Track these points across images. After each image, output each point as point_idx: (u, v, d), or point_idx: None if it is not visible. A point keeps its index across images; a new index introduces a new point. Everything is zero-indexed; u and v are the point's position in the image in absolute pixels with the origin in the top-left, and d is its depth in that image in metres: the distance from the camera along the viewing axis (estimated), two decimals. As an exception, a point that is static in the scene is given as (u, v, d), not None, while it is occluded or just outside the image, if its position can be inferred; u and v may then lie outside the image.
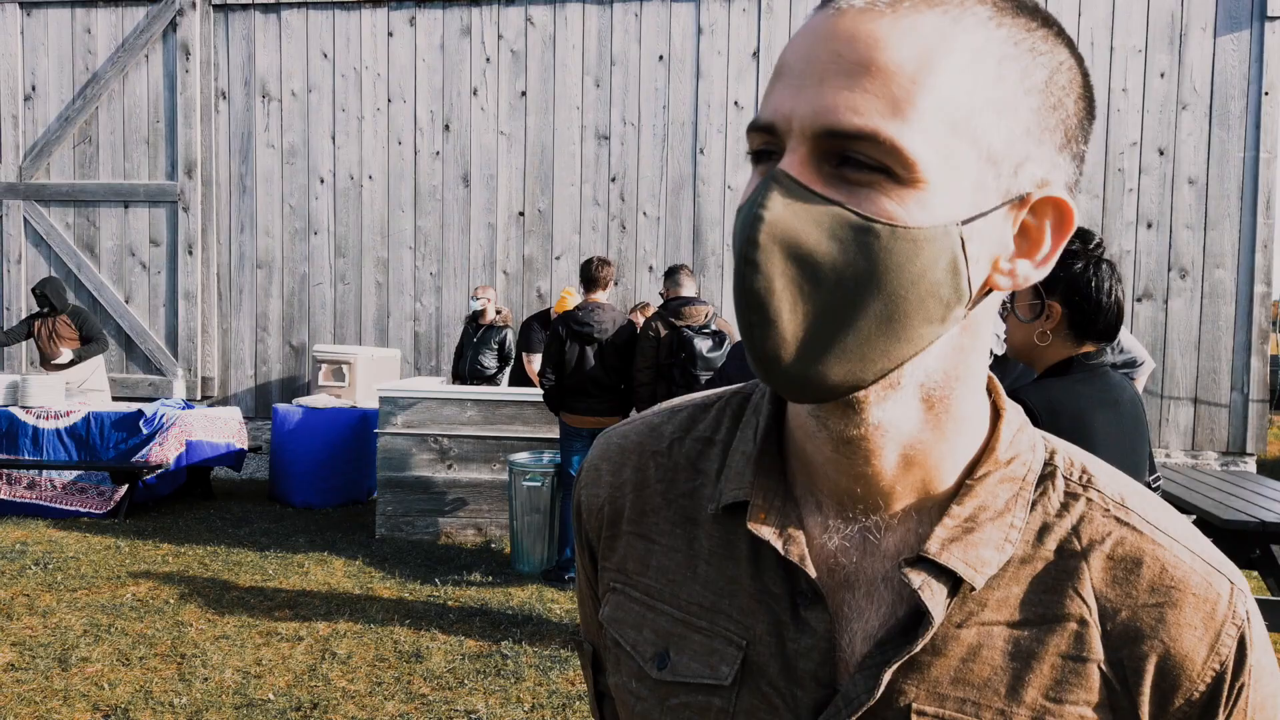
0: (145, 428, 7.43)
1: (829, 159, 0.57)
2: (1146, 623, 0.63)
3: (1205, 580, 0.64)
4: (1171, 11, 7.86)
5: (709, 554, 0.71)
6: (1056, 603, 0.64)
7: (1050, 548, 0.65)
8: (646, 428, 0.80)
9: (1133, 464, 2.18)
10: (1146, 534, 0.65)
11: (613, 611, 0.75)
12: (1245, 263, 7.82)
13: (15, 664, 4.34)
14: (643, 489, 0.76)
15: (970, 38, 0.58)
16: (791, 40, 0.61)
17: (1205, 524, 4.95)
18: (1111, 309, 2.16)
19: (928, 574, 0.62)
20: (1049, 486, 0.67)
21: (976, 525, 0.64)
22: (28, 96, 9.40)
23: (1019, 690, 0.63)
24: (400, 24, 8.89)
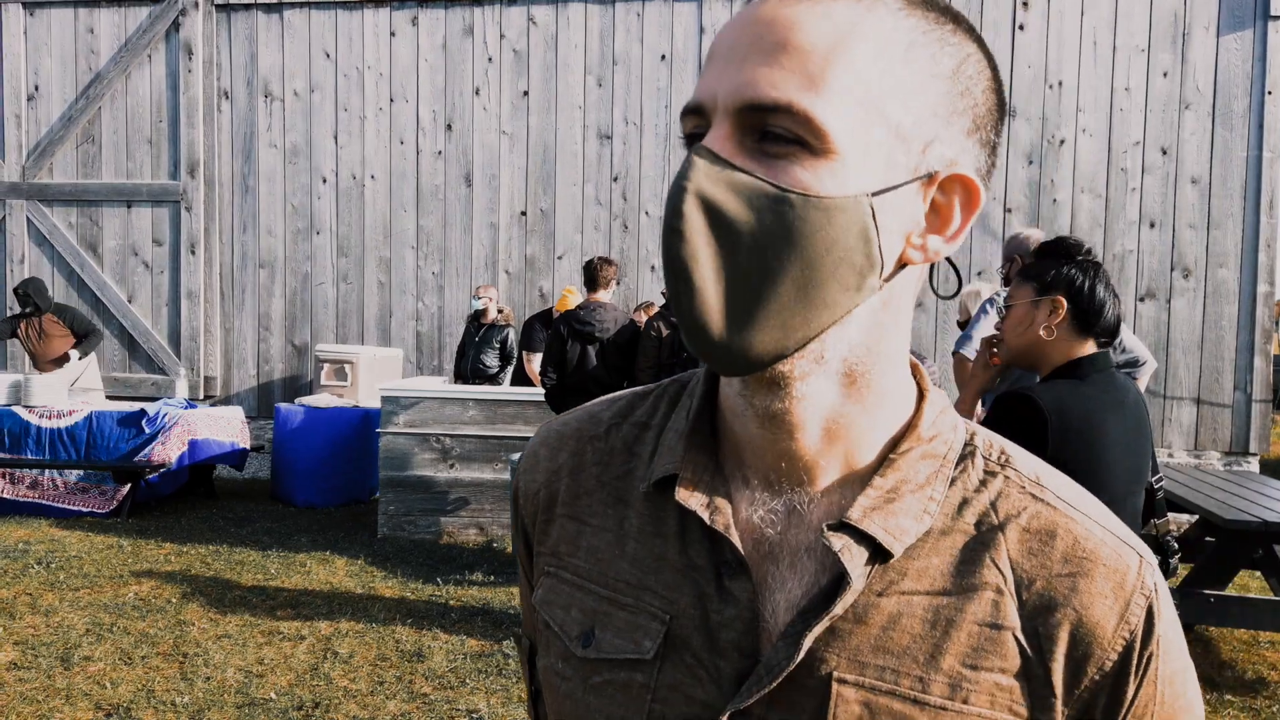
0: (148, 427, 7.44)
1: (750, 134, 0.60)
2: (1060, 592, 0.65)
3: (1115, 552, 0.67)
4: (1174, 11, 7.85)
5: (638, 532, 0.72)
6: (974, 573, 0.66)
7: (969, 520, 0.67)
8: (586, 415, 0.82)
9: (1137, 465, 2.18)
10: (1060, 509, 0.68)
11: (544, 594, 0.76)
12: (1248, 262, 7.81)
13: (18, 663, 4.35)
14: (578, 473, 0.78)
15: (881, 24, 0.62)
16: (720, 30, 0.65)
17: (1208, 524, 4.95)
18: (1112, 309, 2.18)
19: (849, 539, 0.64)
20: (969, 464, 0.70)
21: (897, 496, 0.66)
22: (31, 96, 9.41)
23: (937, 658, 0.64)
24: (403, 24, 8.89)
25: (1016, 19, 8.06)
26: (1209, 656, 4.77)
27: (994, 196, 8.12)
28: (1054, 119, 8.04)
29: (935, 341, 8.12)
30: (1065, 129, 8.02)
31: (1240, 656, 4.79)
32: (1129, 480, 2.15)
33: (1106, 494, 2.10)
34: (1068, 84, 8.00)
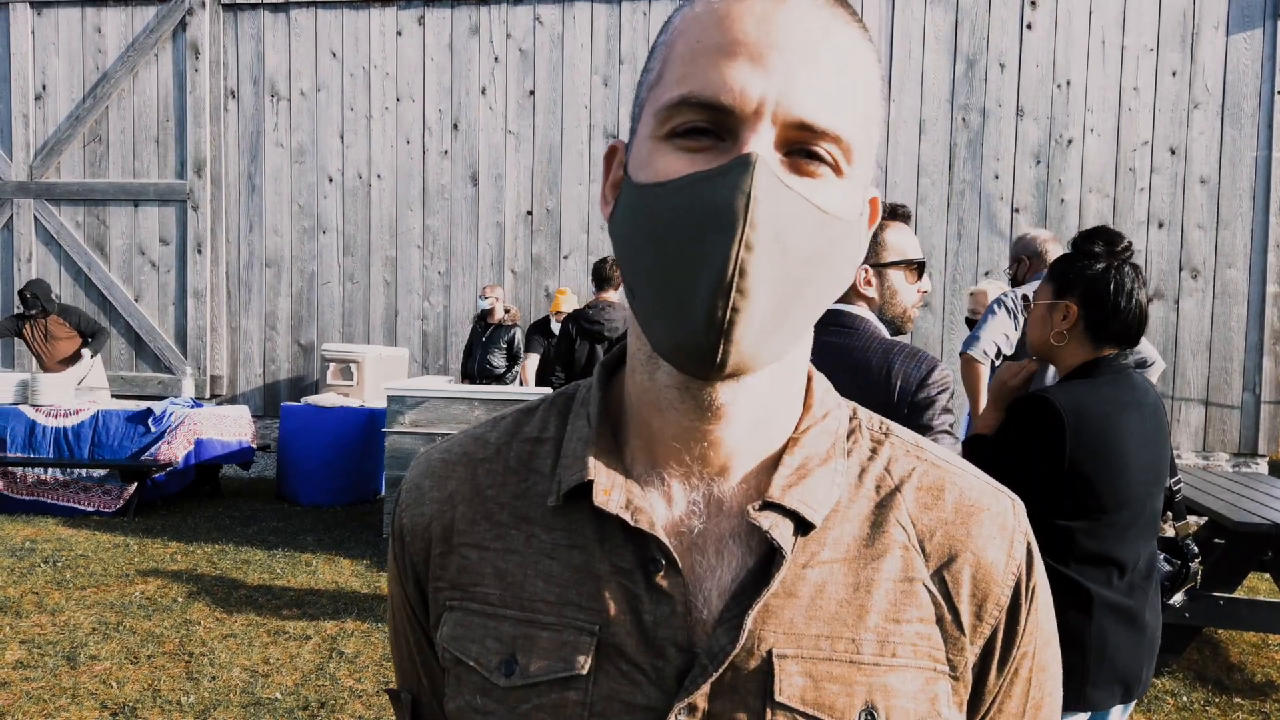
0: (154, 426, 7.45)
1: (783, 146, 0.62)
2: (958, 539, 0.71)
3: (995, 498, 0.74)
4: (1183, 10, 7.82)
5: (550, 548, 0.71)
6: (882, 533, 0.70)
7: (870, 486, 0.72)
8: (469, 439, 0.79)
9: (1157, 466, 2.16)
10: (943, 466, 0.74)
11: (451, 630, 0.73)
12: (1257, 263, 7.77)
13: (24, 662, 4.35)
14: (472, 498, 0.75)
15: (873, 58, 0.66)
16: (729, 13, 0.63)
17: (1217, 526, 4.93)
18: (1132, 312, 2.14)
19: (775, 515, 0.67)
20: (858, 436, 0.75)
21: (808, 472, 0.70)
22: (38, 96, 9.43)
23: (864, 617, 0.67)
24: (409, 23, 8.89)
25: (1025, 18, 8.03)
26: (1218, 659, 4.74)
27: (1001, 196, 8.10)
28: (1062, 119, 8.01)
29: (941, 342, 8.10)
30: (1073, 129, 8.00)
31: (1249, 659, 4.77)
32: (1148, 481, 2.13)
33: (1124, 495, 2.08)
34: (1076, 83, 7.97)
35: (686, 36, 0.64)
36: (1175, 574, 2.46)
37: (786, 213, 0.59)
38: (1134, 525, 2.11)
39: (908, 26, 8.17)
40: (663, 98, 0.63)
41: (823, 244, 0.62)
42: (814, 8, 0.63)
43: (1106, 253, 2.17)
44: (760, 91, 0.60)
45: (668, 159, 0.62)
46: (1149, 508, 2.15)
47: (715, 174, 0.59)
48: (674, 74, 0.64)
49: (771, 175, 0.59)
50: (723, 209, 0.58)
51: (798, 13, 0.62)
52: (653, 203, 0.62)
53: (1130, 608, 2.09)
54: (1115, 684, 2.08)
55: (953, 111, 8.15)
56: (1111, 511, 2.07)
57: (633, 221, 0.64)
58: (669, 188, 0.61)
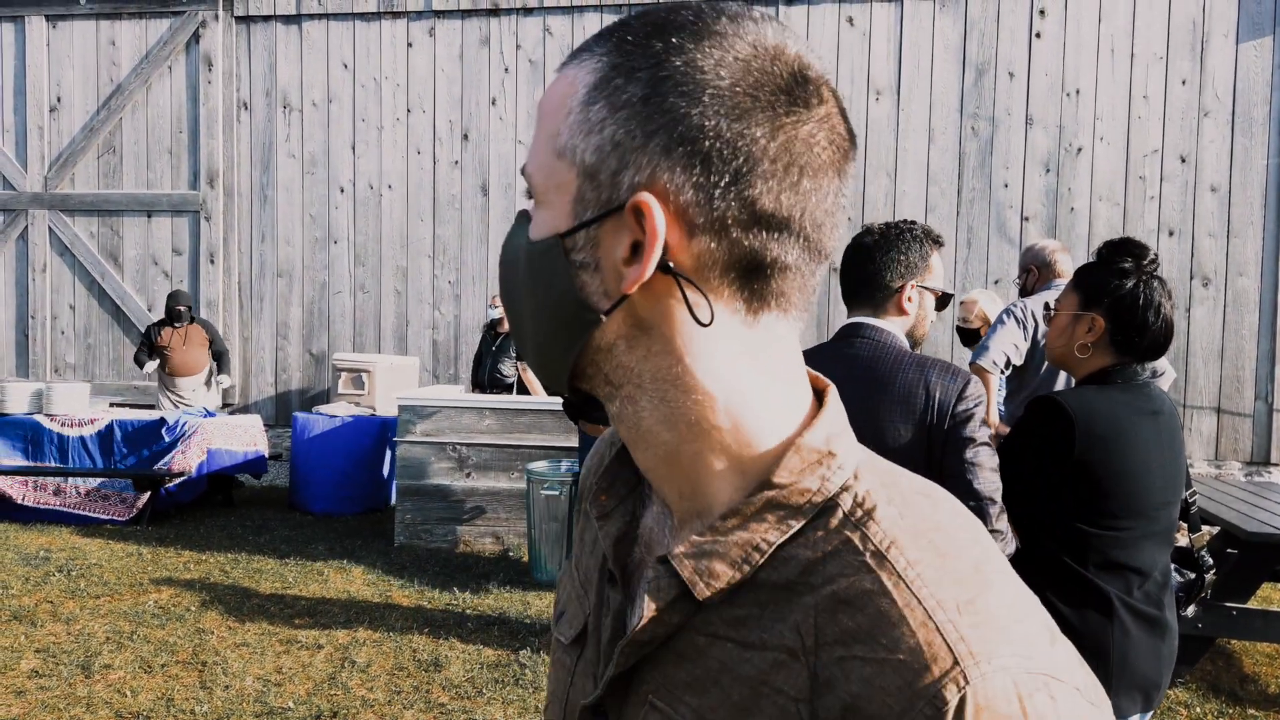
0: (167, 435, 7.49)
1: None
2: (844, 671, 0.58)
3: (925, 648, 0.56)
4: (1193, 19, 7.82)
5: (595, 533, 0.79)
6: (777, 631, 0.61)
7: (789, 576, 0.63)
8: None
9: (1172, 475, 2.16)
10: (889, 585, 0.59)
11: (563, 575, 0.86)
12: (1269, 270, 7.75)
13: (39, 670, 4.38)
14: (594, 473, 0.82)
15: (580, 73, 0.65)
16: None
17: (1230, 536, 4.91)
18: (1159, 328, 2.13)
19: (664, 571, 0.65)
20: (827, 519, 0.64)
21: (726, 539, 0.63)
22: (53, 108, 9.51)
23: (732, 711, 0.61)
24: (419, 35, 8.94)
25: (1034, 27, 8.04)
26: (1231, 670, 4.72)
27: (1011, 205, 8.10)
28: (1071, 127, 8.01)
29: (951, 350, 8.10)
30: (1083, 137, 7.99)
31: (1263, 671, 4.75)
32: (1164, 491, 2.13)
33: (1138, 504, 2.08)
34: (1085, 92, 7.97)
35: None
36: (1190, 585, 2.46)
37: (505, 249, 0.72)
38: (1152, 535, 2.11)
39: (916, 36, 8.18)
40: None
41: (517, 269, 0.70)
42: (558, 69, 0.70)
43: (1135, 266, 2.15)
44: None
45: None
46: (1166, 517, 2.14)
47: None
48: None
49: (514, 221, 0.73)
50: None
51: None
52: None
53: (1152, 615, 2.09)
54: (1136, 691, 2.08)
55: (962, 120, 8.15)
56: (1126, 519, 2.07)
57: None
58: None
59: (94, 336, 9.57)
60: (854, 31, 8.27)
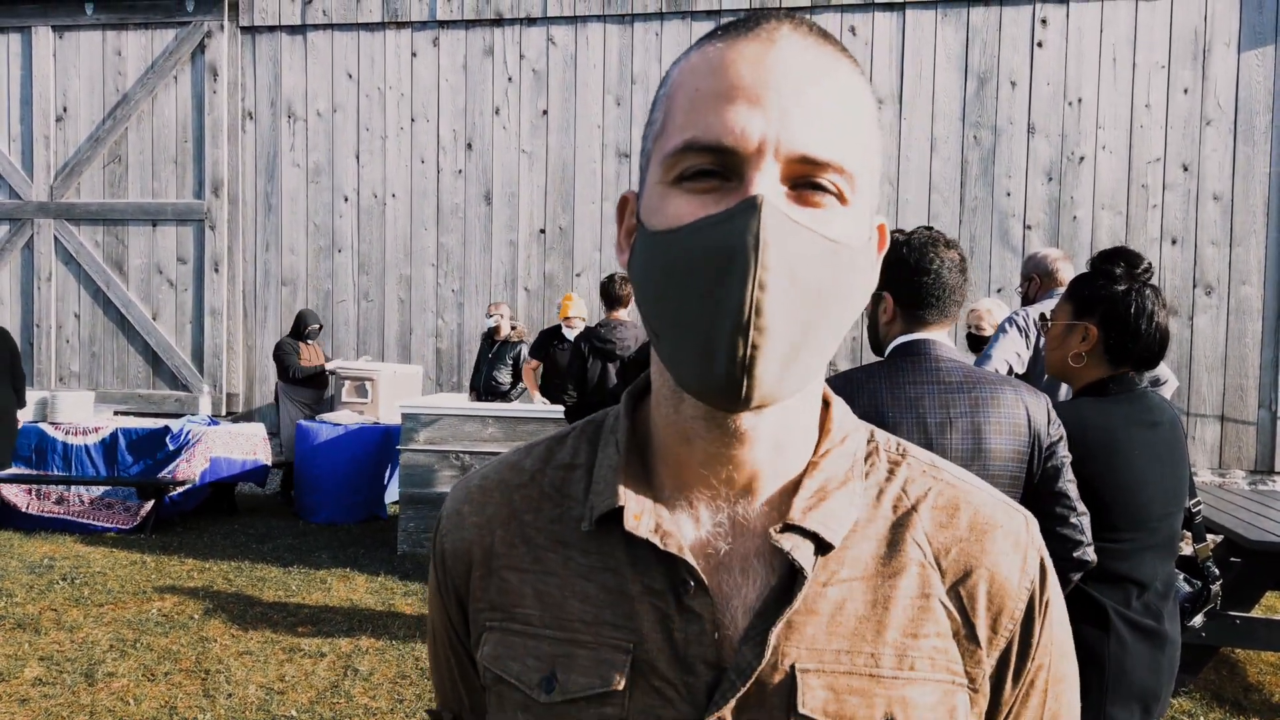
0: (171, 444, 7.51)
1: (788, 180, 0.64)
2: (973, 555, 0.74)
3: (1008, 515, 0.76)
4: (1194, 27, 7.83)
5: (586, 570, 0.74)
6: (899, 552, 0.73)
7: (886, 507, 0.75)
8: (505, 466, 0.83)
9: (1173, 486, 2.15)
10: (958, 485, 0.77)
11: (493, 649, 0.77)
12: (1272, 279, 7.74)
13: (43, 678, 4.39)
14: (509, 522, 0.79)
15: (866, 90, 0.69)
16: (723, 61, 0.66)
17: (1234, 545, 4.90)
18: (1152, 335, 2.12)
19: (796, 537, 0.69)
20: (875, 458, 0.78)
21: (827, 494, 0.72)
22: (59, 117, 9.56)
23: (882, 633, 0.70)
24: (424, 44, 8.98)
25: (1035, 36, 8.05)
26: (1235, 679, 4.71)
27: (1013, 214, 8.11)
28: (1073, 136, 8.02)
29: (955, 359, 8.09)
30: (1085, 146, 8.00)
31: (1267, 679, 4.74)
32: (1166, 500, 2.12)
33: (1138, 515, 2.07)
34: (1087, 100, 7.98)
35: (685, 87, 0.67)
36: (1196, 595, 2.45)
37: (796, 248, 0.62)
38: (1152, 545, 2.10)
39: (919, 45, 8.20)
40: (668, 145, 0.66)
41: (833, 273, 0.64)
42: (804, 48, 0.65)
43: (1127, 274, 2.15)
44: (760, 131, 0.63)
45: (677, 203, 0.65)
46: (1167, 528, 2.13)
47: (724, 218, 0.62)
48: (676, 122, 0.66)
49: (778, 213, 0.61)
50: (735, 252, 0.61)
51: (789, 53, 0.65)
52: (667, 249, 0.65)
53: (1149, 627, 2.08)
54: (1134, 702, 2.06)
55: (964, 129, 8.16)
56: (1126, 530, 2.06)
57: (649, 268, 0.67)
58: (681, 233, 0.64)
59: (99, 345, 9.60)
60: (856, 41, 8.29)
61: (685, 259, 0.63)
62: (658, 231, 0.66)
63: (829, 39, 0.68)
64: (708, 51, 0.67)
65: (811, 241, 0.63)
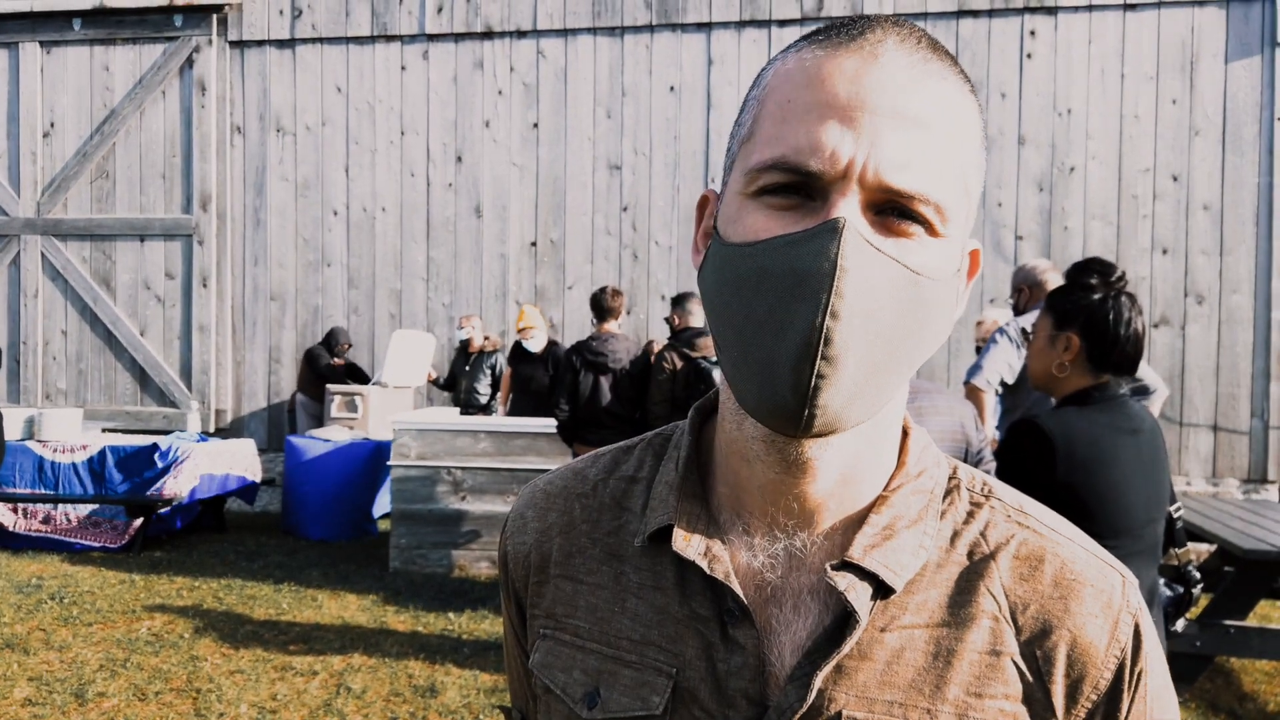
0: (160, 461, 7.44)
1: (874, 206, 0.61)
2: (1054, 615, 0.67)
3: (1100, 573, 0.69)
4: (1182, 39, 7.88)
5: (637, 587, 0.72)
6: (971, 602, 0.67)
7: (962, 552, 0.69)
8: (571, 473, 0.82)
9: (1155, 492, 2.18)
10: (1045, 535, 0.70)
11: (543, 657, 0.76)
12: (1262, 288, 7.78)
13: (32, 699, 4.33)
14: (569, 531, 0.78)
15: (973, 111, 0.65)
16: (817, 71, 0.63)
17: (1227, 553, 4.90)
18: (1131, 341, 2.17)
19: (853, 577, 0.65)
20: (955, 497, 0.72)
21: (894, 533, 0.68)
22: (46, 133, 9.51)
23: (942, 688, 0.65)
24: (413, 58, 8.97)
25: (1025, 47, 8.09)
26: (1230, 688, 4.71)
27: (1005, 224, 8.13)
28: (1063, 146, 8.06)
29: (948, 369, 8.10)
30: (1075, 156, 8.04)
31: (1262, 688, 4.73)
32: (1148, 507, 2.14)
33: (1123, 522, 2.09)
34: (1077, 111, 8.02)
35: (778, 94, 0.64)
36: (1178, 600, 2.47)
37: (875, 277, 0.59)
38: (1136, 553, 2.12)
39: (908, 57, 8.23)
40: (753, 157, 0.64)
41: (914, 305, 0.61)
42: (909, 64, 0.62)
43: (1103, 283, 2.21)
44: (849, 154, 0.60)
45: (756, 217, 0.63)
46: (1151, 534, 2.16)
47: (802, 238, 0.60)
48: (765, 133, 0.64)
49: (859, 240, 0.59)
50: (809, 276, 0.58)
51: (891, 69, 0.61)
52: (741, 263, 0.63)
53: None
54: None
55: (954, 140, 8.18)
56: (1112, 538, 2.08)
57: (721, 279, 0.65)
58: (757, 249, 0.62)
59: (86, 362, 9.53)
60: (845, 53, 8.31)
61: (758, 276, 0.61)
62: (733, 244, 0.64)
63: (937, 50, 0.64)
64: (805, 58, 0.64)
65: (892, 270, 0.60)
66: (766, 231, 0.62)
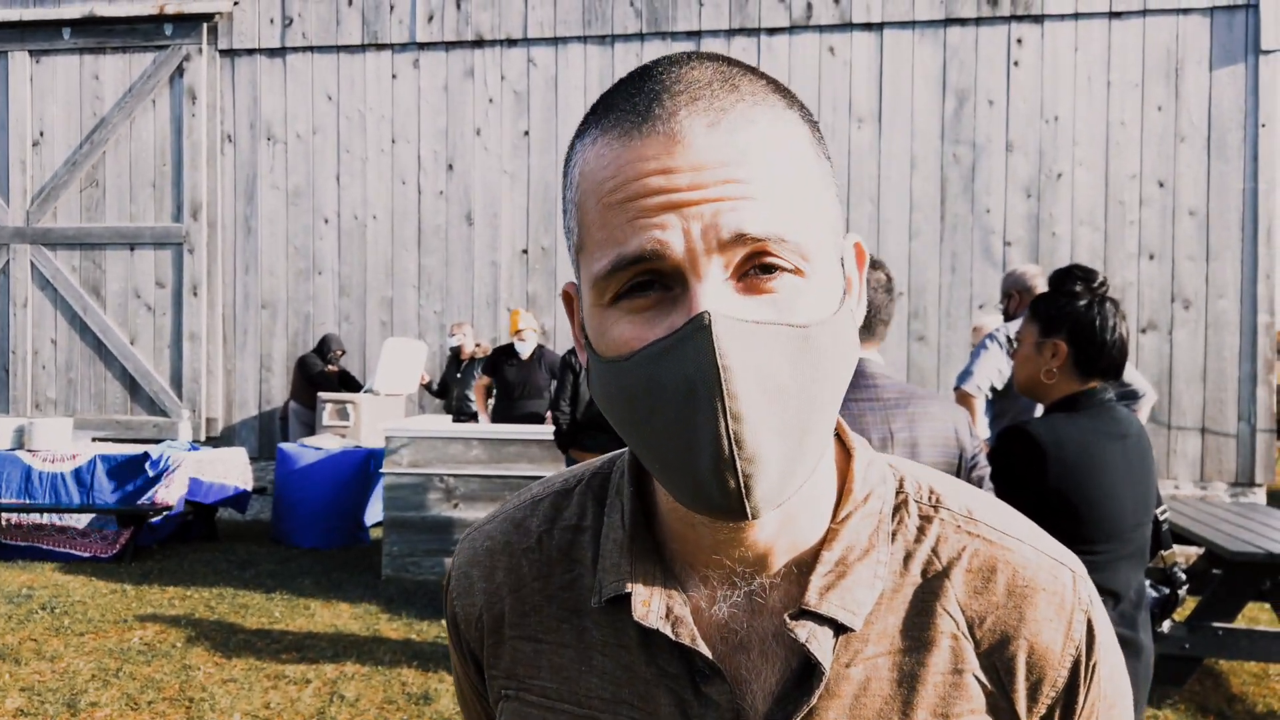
0: (151, 470, 7.42)
1: (732, 272, 0.58)
2: (1009, 624, 0.67)
3: (1052, 574, 0.69)
4: (1167, 47, 7.94)
5: (601, 645, 0.70)
6: (929, 624, 0.67)
7: (916, 573, 0.69)
8: (510, 525, 0.79)
9: (1142, 496, 2.20)
10: (996, 541, 0.70)
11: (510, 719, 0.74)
12: (1248, 293, 7.84)
13: (24, 709, 4.32)
14: (519, 590, 0.75)
15: (791, 121, 0.61)
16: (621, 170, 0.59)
17: (1215, 556, 4.93)
18: (1116, 346, 2.20)
19: (812, 624, 0.65)
20: (904, 513, 0.71)
21: (848, 568, 0.67)
22: (36, 142, 9.49)
23: (910, 714, 0.65)
24: (404, 66, 8.99)
25: (1011, 55, 8.15)
26: (1219, 690, 4.74)
27: (993, 230, 8.18)
28: (1051, 153, 8.11)
29: (937, 375, 8.14)
30: (1062, 162, 8.09)
31: (1250, 690, 4.76)
32: (1136, 511, 2.17)
33: (1112, 526, 2.11)
34: (1064, 118, 8.08)
35: (592, 198, 0.61)
36: (1164, 601, 2.49)
37: (762, 351, 0.56)
38: (1125, 556, 2.15)
39: (897, 65, 8.28)
40: (594, 267, 0.61)
41: (811, 356, 0.58)
42: (708, 124, 0.58)
43: (1086, 289, 2.23)
44: (682, 230, 0.57)
45: (621, 328, 0.60)
46: (1139, 538, 2.18)
47: (674, 344, 0.57)
48: (593, 238, 0.61)
49: (732, 326, 0.56)
50: (695, 384, 0.56)
51: (694, 142, 0.58)
52: (622, 379, 0.60)
53: (1125, 636, 2.12)
54: None
55: (943, 147, 8.24)
56: (1101, 542, 2.10)
57: (609, 395, 0.62)
58: (633, 362, 0.59)
59: (75, 371, 9.51)
60: (835, 61, 8.36)
61: (645, 388, 0.58)
62: (609, 360, 0.61)
63: (734, 83, 0.60)
64: (603, 153, 0.60)
65: (776, 336, 0.57)
66: (638, 340, 0.59)
